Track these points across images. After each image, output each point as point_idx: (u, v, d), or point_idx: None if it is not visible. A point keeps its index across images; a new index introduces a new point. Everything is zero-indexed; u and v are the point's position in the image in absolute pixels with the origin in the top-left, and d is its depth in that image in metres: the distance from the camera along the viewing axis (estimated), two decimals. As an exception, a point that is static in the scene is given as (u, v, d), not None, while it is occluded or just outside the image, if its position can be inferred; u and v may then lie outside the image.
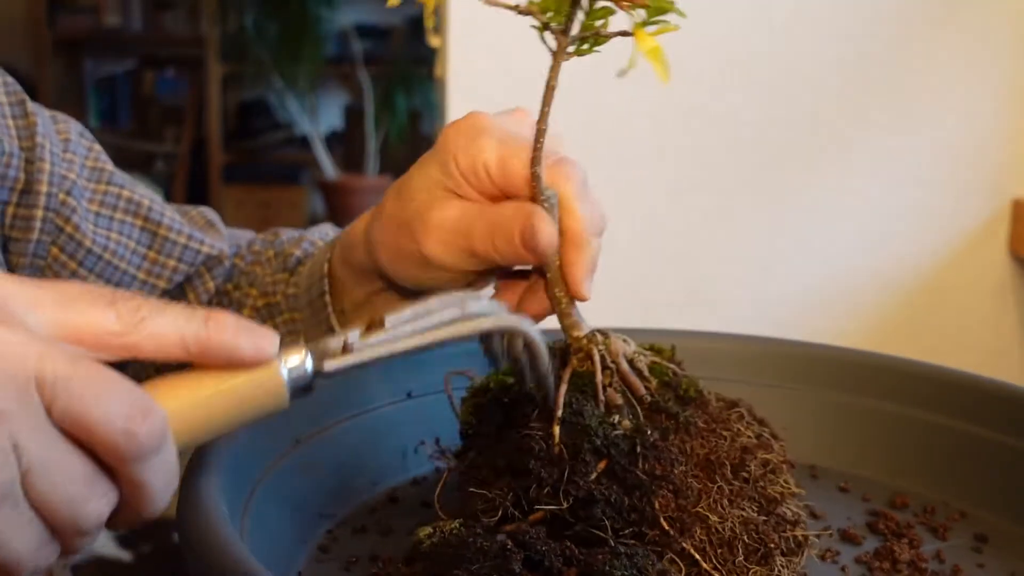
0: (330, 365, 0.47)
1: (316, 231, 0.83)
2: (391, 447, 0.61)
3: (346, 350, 0.47)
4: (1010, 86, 1.55)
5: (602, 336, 0.53)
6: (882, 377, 0.67)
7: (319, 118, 4.96)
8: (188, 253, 0.80)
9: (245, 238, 0.86)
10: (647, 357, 0.54)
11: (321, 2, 4.68)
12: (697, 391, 0.53)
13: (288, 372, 0.46)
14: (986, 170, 1.57)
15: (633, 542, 0.47)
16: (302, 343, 0.47)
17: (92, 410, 0.39)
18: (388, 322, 0.48)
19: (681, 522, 0.48)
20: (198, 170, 5.10)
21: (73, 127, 0.80)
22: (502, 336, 0.51)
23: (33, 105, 0.76)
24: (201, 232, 0.82)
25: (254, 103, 5.17)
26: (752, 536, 0.48)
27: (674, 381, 0.53)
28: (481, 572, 0.44)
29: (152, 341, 0.43)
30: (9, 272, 0.74)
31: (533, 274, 0.59)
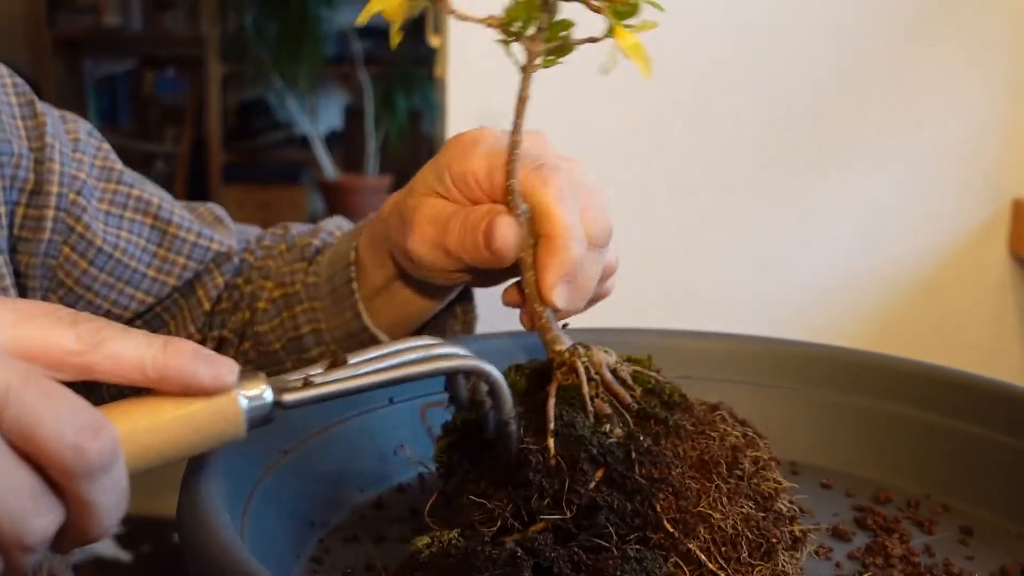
0: (290, 398, 0.47)
1: (330, 223, 0.84)
2: (375, 453, 0.61)
3: (307, 384, 0.47)
4: (1010, 86, 1.55)
5: (584, 348, 0.53)
6: (878, 376, 0.67)
7: (319, 118, 4.96)
8: (198, 250, 0.80)
9: (253, 233, 0.87)
10: (629, 366, 0.54)
11: (321, 2, 4.68)
12: (681, 395, 0.54)
13: (247, 402, 0.45)
14: (986, 170, 1.57)
15: (638, 547, 0.47)
16: (262, 376, 0.47)
17: (42, 423, 0.38)
18: (351, 359, 0.48)
19: (684, 523, 0.48)
20: (198, 170, 5.11)
21: (82, 126, 0.80)
22: (467, 380, 0.51)
23: (42, 105, 0.77)
24: (210, 229, 0.82)
25: (254, 103, 5.18)
26: (754, 532, 0.48)
27: (657, 387, 0.54)
28: None
29: (110, 362, 0.43)
30: (19, 273, 0.74)
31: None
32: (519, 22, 0.51)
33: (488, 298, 0.69)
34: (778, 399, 0.68)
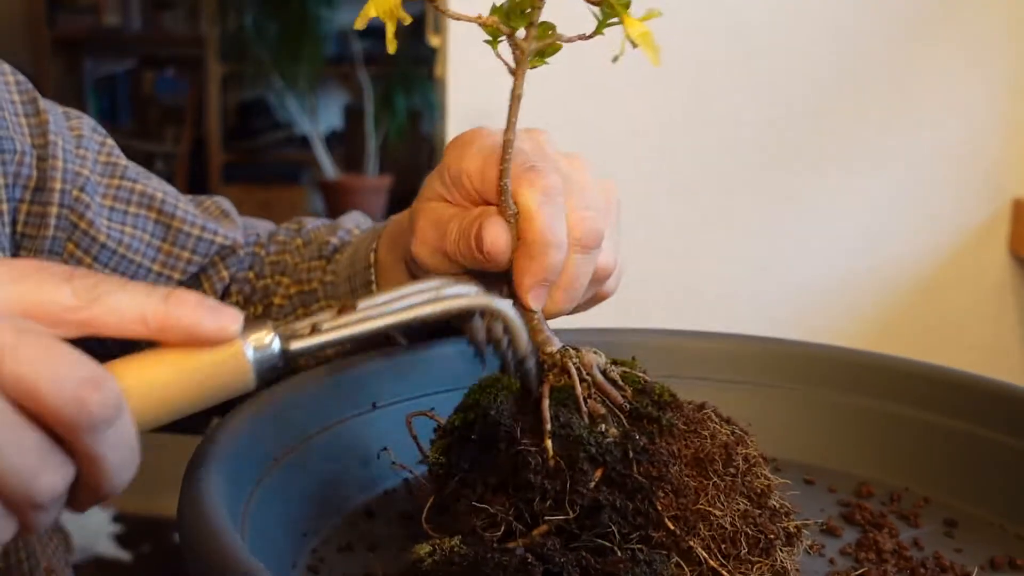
0: (297, 345, 0.46)
1: (349, 219, 0.84)
2: (361, 460, 0.60)
3: (315, 331, 0.47)
4: (1010, 86, 1.55)
5: (575, 350, 0.54)
6: (878, 376, 0.68)
7: (319, 118, 4.96)
8: (202, 244, 0.80)
9: (265, 228, 0.87)
10: (617, 367, 0.54)
11: (321, 2, 4.69)
12: (671, 395, 0.54)
13: (253, 352, 0.45)
14: (986, 170, 1.57)
15: (640, 546, 0.47)
16: (269, 324, 0.46)
17: (41, 378, 0.38)
18: (360, 305, 0.48)
19: (685, 520, 0.48)
20: (198, 170, 5.11)
21: (86, 123, 0.80)
22: (483, 322, 0.50)
23: (45, 103, 0.77)
24: (215, 222, 0.82)
25: (254, 103, 5.18)
26: (752, 529, 0.49)
27: (647, 387, 0.54)
28: None
29: (111, 316, 0.42)
30: None
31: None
32: (509, 22, 0.51)
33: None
34: (778, 399, 0.68)
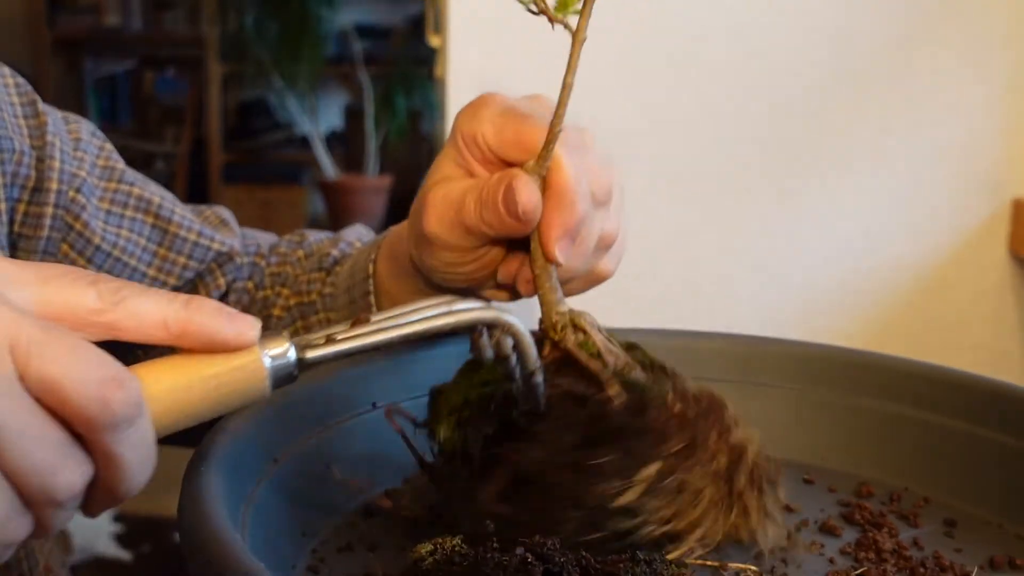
0: (312, 354, 0.47)
1: (351, 232, 0.84)
2: (360, 459, 0.60)
3: (329, 341, 0.48)
4: (1010, 86, 1.55)
5: (577, 312, 0.55)
6: (878, 376, 0.68)
7: (319, 118, 4.96)
8: (198, 250, 0.80)
9: (266, 240, 0.87)
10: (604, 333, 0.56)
11: (321, 2, 4.68)
12: (654, 358, 0.56)
13: (270, 360, 0.46)
14: (986, 170, 1.57)
15: (648, 551, 0.48)
16: (285, 333, 0.47)
17: (65, 375, 0.39)
18: (373, 318, 0.49)
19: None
20: (198, 170, 5.11)
21: (84, 127, 0.80)
22: (491, 335, 0.51)
23: (44, 106, 0.77)
24: (212, 229, 0.82)
25: (254, 103, 5.18)
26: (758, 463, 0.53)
27: (632, 349, 0.56)
28: None
29: (132, 320, 0.43)
30: None
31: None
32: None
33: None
34: (778, 399, 0.68)
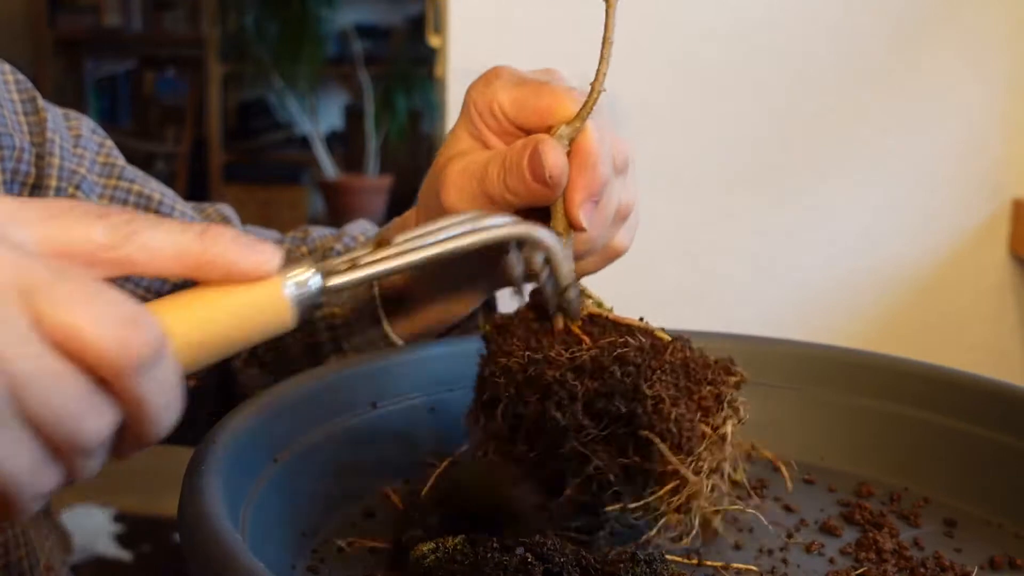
0: (336, 280, 0.45)
1: (355, 227, 0.84)
2: (360, 460, 0.60)
3: (353, 266, 0.45)
4: (1010, 86, 1.55)
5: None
6: (877, 376, 0.68)
7: (319, 118, 4.96)
8: None
9: (269, 237, 0.86)
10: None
11: (321, 2, 4.69)
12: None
13: (294, 288, 0.44)
14: (986, 170, 1.57)
15: (648, 551, 0.49)
16: (307, 260, 0.45)
17: (82, 319, 0.37)
18: (396, 239, 0.47)
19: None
20: (198, 170, 5.11)
21: (85, 124, 0.80)
22: (519, 253, 0.49)
23: (44, 103, 0.77)
24: None
25: (254, 103, 5.18)
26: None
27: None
28: None
29: (145, 254, 0.41)
30: None
31: None
32: None
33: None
34: (778, 399, 0.68)
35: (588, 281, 0.57)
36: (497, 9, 1.48)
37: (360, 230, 0.83)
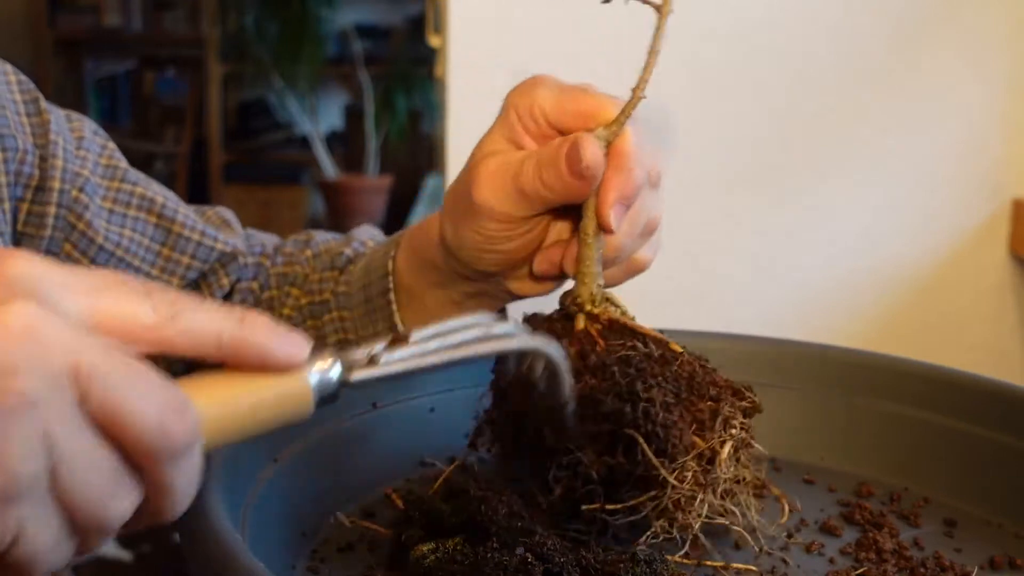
0: (357, 376, 0.46)
1: (363, 232, 0.83)
2: (360, 460, 0.60)
3: (372, 362, 0.46)
4: (1010, 86, 1.55)
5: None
6: (877, 376, 0.68)
7: (319, 118, 4.96)
8: (202, 250, 0.80)
9: (270, 241, 0.86)
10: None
11: (321, 2, 4.69)
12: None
13: (317, 379, 0.45)
14: (986, 170, 1.57)
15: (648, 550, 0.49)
16: (330, 352, 0.46)
17: (127, 405, 0.37)
18: (412, 337, 0.48)
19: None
20: (198, 170, 5.11)
21: (87, 125, 0.80)
22: (518, 360, 0.50)
23: (47, 104, 0.77)
24: (215, 229, 0.82)
25: (254, 103, 5.18)
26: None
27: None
28: None
29: (186, 337, 0.42)
30: None
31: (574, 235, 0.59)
32: None
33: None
34: (778, 399, 0.68)
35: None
36: (497, 9, 1.48)
37: (368, 235, 0.83)
